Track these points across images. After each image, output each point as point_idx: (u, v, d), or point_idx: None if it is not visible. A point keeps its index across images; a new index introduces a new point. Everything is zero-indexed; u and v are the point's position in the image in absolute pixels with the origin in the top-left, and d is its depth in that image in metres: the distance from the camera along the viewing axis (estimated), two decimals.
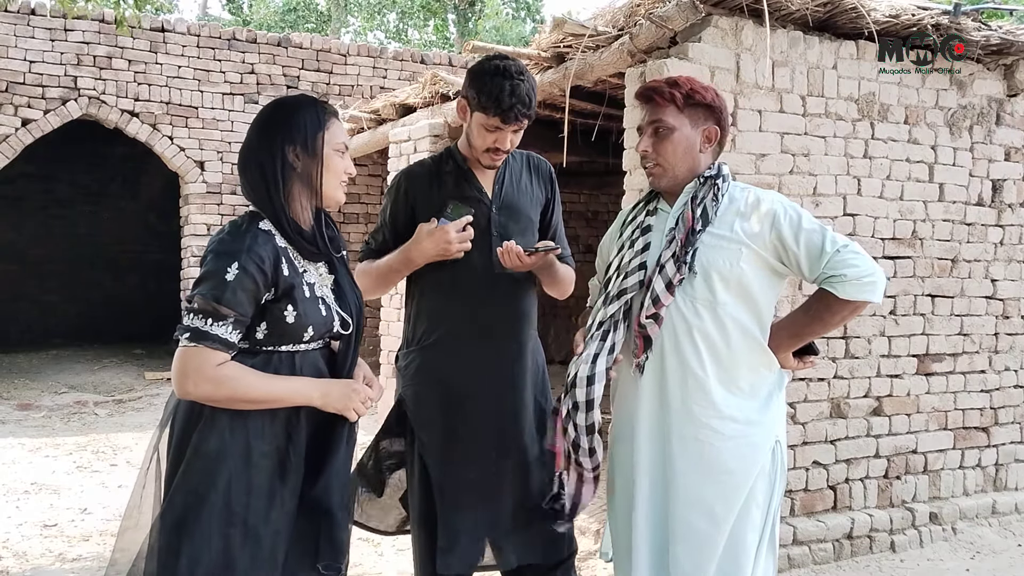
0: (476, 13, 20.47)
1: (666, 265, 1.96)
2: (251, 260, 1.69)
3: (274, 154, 1.77)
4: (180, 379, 1.68)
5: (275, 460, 1.76)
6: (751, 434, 1.97)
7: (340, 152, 1.84)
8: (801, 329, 2.01)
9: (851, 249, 1.92)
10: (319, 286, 1.84)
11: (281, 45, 8.34)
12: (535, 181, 2.45)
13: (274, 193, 1.77)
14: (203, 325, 1.66)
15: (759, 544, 1.99)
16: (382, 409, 5.88)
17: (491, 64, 2.25)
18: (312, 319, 1.77)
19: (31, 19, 7.46)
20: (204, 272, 1.70)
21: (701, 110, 2.02)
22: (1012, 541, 3.95)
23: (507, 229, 2.34)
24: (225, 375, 1.67)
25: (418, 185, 2.39)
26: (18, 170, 8.42)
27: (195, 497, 1.70)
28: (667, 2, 3.39)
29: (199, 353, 1.66)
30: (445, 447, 2.30)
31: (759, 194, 2.02)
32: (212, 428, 1.72)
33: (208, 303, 1.66)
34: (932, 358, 4.03)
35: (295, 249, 1.80)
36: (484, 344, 2.30)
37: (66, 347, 10.17)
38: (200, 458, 1.72)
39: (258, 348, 1.76)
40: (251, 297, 1.69)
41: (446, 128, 5.37)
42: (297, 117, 1.80)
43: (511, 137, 2.28)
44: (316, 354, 1.83)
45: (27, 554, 3.71)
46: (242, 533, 1.71)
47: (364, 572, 3.57)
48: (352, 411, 1.80)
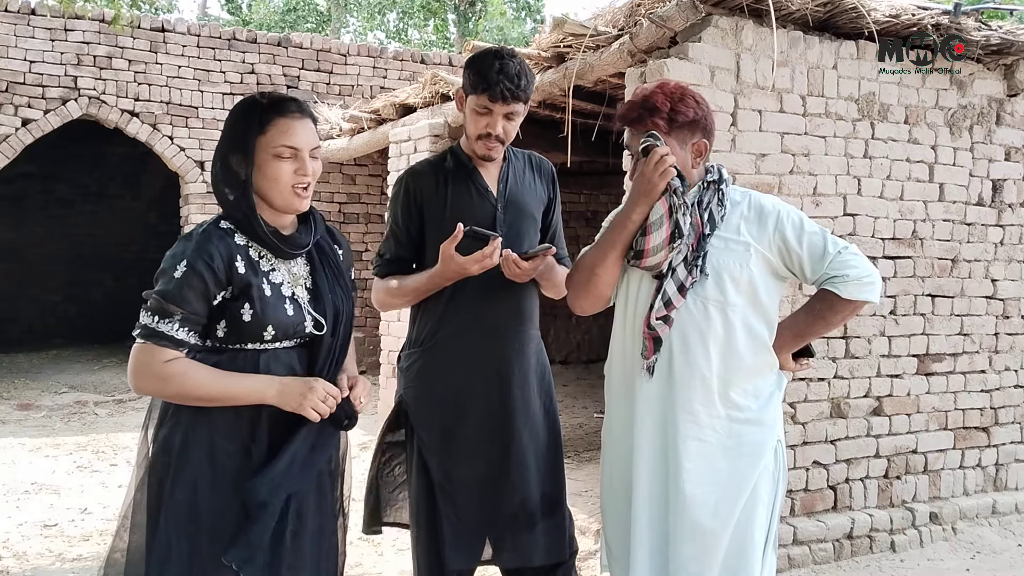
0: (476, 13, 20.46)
1: (677, 269, 1.97)
2: (199, 258, 1.69)
3: (224, 164, 1.77)
4: (131, 375, 1.72)
5: (240, 459, 1.74)
6: (755, 433, 1.98)
7: (282, 156, 1.74)
8: (804, 329, 2.05)
9: (851, 251, 1.99)
10: (289, 285, 1.79)
11: (281, 45, 8.34)
12: (537, 180, 2.45)
13: (231, 200, 1.76)
14: (151, 322, 1.69)
15: (765, 543, 2.00)
16: (383, 410, 5.88)
17: (485, 49, 2.31)
18: (272, 318, 1.73)
19: (31, 19, 7.46)
20: (160, 270, 1.72)
21: (687, 127, 2.01)
22: (1012, 541, 3.95)
23: (512, 227, 2.34)
24: (172, 371, 1.68)
25: (423, 183, 2.38)
26: (18, 170, 8.43)
27: (160, 496, 1.71)
28: (667, 2, 3.39)
29: (148, 350, 1.69)
30: (446, 446, 2.30)
31: (760, 198, 2.05)
32: (176, 426, 1.74)
33: (157, 301, 1.68)
34: (932, 358, 4.03)
35: (262, 247, 1.78)
36: (486, 344, 2.30)
37: (66, 347, 10.18)
38: (164, 455, 1.73)
39: (222, 346, 1.75)
40: (200, 295, 1.69)
41: (446, 128, 5.36)
42: (236, 124, 1.78)
43: (503, 123, 2.27)
44: (290, 353, 1.79)
45: (27, 554, 3.71)
46: (208, 534, 1.70)
47: (364, 572, 3.57)
48: (309, 409, 1.72)
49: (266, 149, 1.74)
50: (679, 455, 1.96)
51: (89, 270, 11.18)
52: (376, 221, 8.28)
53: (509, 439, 2.30)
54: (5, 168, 7.53)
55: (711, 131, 2.06)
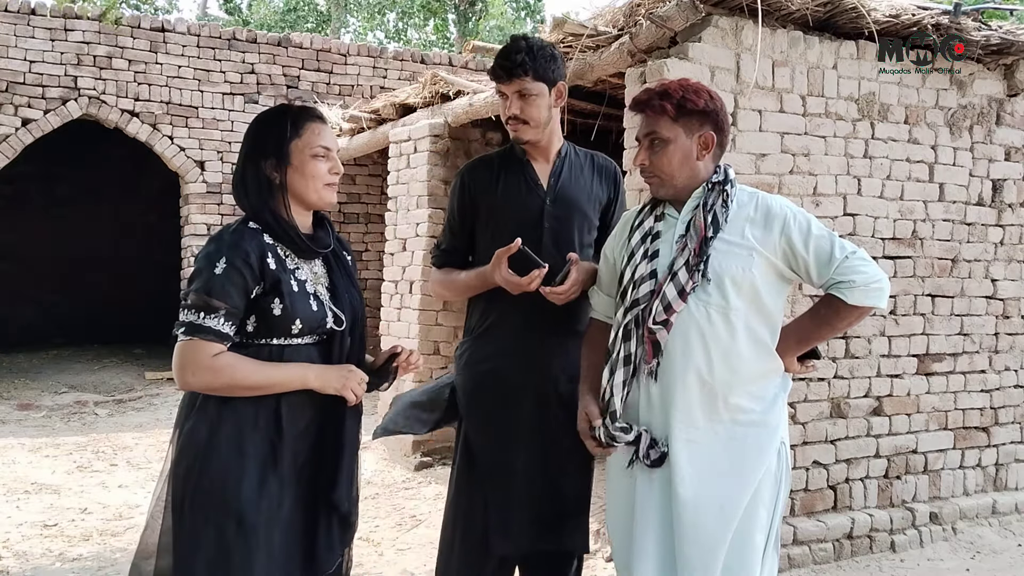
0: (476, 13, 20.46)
1: (679, 272, 1.96)
2: (237, 255, 1.79)
3: (255, 170, 1.88)
4: (179, 371, 1.78)
5: (266, 450, 1.81)
6: (759, 436, 1.98)
7: (319, 156, 1.89)
8: (809, 334, 2.04)
9: (859, 256, 1.97)
10: (311, 283, 1.90)
11: (281, 45, 8.34)
12: (597, 180, 2.46)
13: (260, 205, 1.87)
14: (197, 319, 1.76)
15: (766, 544, 2.00)
16: (383, 410, 5.89)
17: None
18: (300, 313, 1.83)
19: (31, 19, 7.46)
20: (195, 270, 1.81)
21: (695, 117, 2.01)
22: (1012, 541, 3.96)
23: (559, 221, 2.36)
24: (221, 364, 1.76)
25: (477, 176, 2.43)
26: (18, 170, 8.41)
27: (185, 485, 1.78)
28: (667, 2, 3.39)
29: (195, 345, 1.76)
30: (490, 433, 2.35)
31: (768, 199, 2.03)
32: (202, 417, 1.81)
33: (200, 297, 1.76)
34: (932, 358, 4.03)
35: (288, 248, 1.88)
36: (528, 336, 2.34)
37: (66, 347, 10.17)
38: (191, 447, 1.80)
39: (248, 341, 1.84)
40: (240, 290, 1.78)
41: (446, 128, 5.36)
42: (268, 132, 1.90)
43: (519, 103, 2.30)
44: (311, 349, 1.89)
45: (27, 554, 3.71)
46: (236, 522, 1.76)
47: (365, 572, 3.57)
48: (349, 391, 1.86)
49: (303, 151, 1.88)
50: (680, 456, 1.96)
51: (89, 270, 11.17)
52: (376, 221, 8.27)
53: (547, 431, 2.33)
54: (5, 168, 7.52)
55: (723, 128, 2.05)
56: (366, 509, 4.44)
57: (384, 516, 4.34)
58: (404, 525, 4.19)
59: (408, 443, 5.33)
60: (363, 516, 4.40)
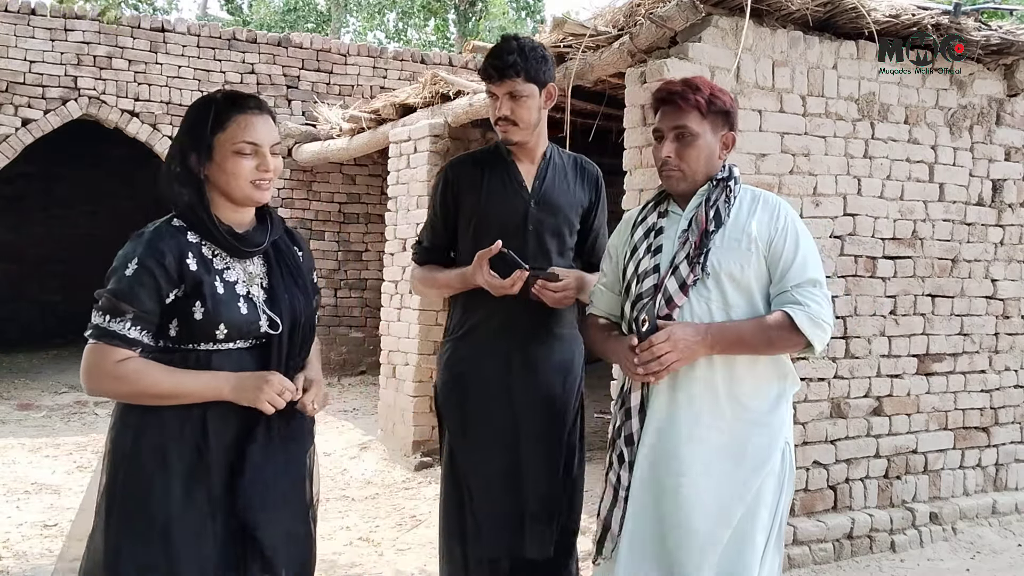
0: (477, 13, 20.46)
1: (680, 266, 1.97)
2: (150, 255, 1.68)
3: (181, 163, 1.75)
4: (84, 376, 1.70)
5: (192, 460, 1.71)
6: (762, 436, 1.98)
7: (243, 153, 1.74)
8: (743, 339, 1.94)
9: (824, 293, 1.97)
10: (244, 284, 1.78)
11: (281, 45, 8.34)
12: (579, 183, 2.46)
13: (183, 201, 1.75)
14: (103, 322, 1.67)
15: (766, 545, 1.99)
16: (383, 410, 5.87)
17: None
18: (225, 316, 1.71)
19: (31, 19, 7.46)
20: (111, 269, 1.70)
21: (720, 116, 2.03)
22: (1012, 541, 3.95)
23: (543, 224, 2.36)
24: (126, 371, 1.66)
25: (461, 173, 2.42)
26: (18, 170, 8.41)
27: (111, 497, 1.71)
28: (667, 2, 3.39)
29: (99, 350, 1.67)
30: (466, 433, 2.35)
31: (772, 201, 2.05)
32: (125, 427, 1.73)
33: (109, 300, 1.67)
34: (932, 358, 4.03)
35: (216, 246, 1.76)
36: (510, 337, 2.33)
37: (66, 347, 10.15)
38: (115, 455, 1.72)
39: (174, 346, 1.73)
40: (152, 293, 1.67)
41: (446, 128, 5.36)
42: (192, 123, 1.77)
43: (509, 104, 2.28)
44: (243, 355, 1.77)
45: (27, 554, 3.71)
46: (161, 537, 1.68)
47: (364, 572, 3.57)
48: (264, 403, 1.70)
49: (226, 145, 1.74)
50: (681, 455, 1.96)
51: (89, 270, 11.13)
52: (376, 221, 8.27)
53: (529, 431, 2.32)
54: (5, 168, 7.52)
55: (735, 130, 2.08)
56: (366, 509, 4.45)
57: (384, 516, 4.34)
58: (404, 525, 4.19)
59: (408, 443, 5.33)
60: (363, 516, 4.42)
